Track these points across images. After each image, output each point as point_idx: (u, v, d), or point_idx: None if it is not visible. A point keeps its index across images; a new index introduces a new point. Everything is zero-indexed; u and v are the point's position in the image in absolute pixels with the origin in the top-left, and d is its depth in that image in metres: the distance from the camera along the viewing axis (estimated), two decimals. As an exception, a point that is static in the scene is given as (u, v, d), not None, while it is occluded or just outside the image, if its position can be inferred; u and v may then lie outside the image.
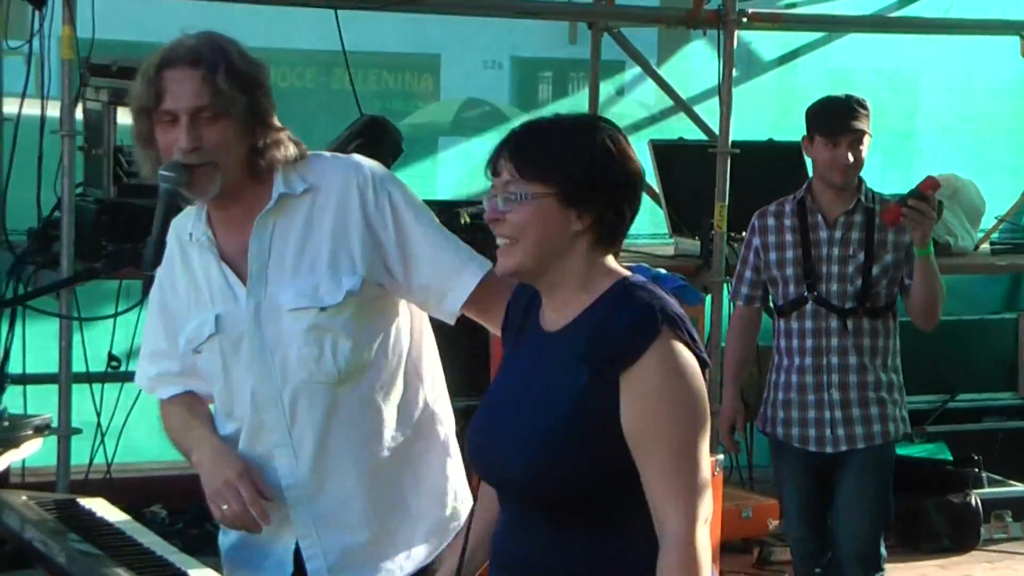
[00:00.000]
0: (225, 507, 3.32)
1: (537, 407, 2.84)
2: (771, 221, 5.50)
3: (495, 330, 3.30)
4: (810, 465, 5.48)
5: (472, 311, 3.46)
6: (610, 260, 2.89)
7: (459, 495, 3.62)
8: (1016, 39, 7.98)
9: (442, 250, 3.43)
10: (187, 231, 3.43)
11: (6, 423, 3.68)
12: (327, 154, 3.52)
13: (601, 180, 2.81)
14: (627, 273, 2.91)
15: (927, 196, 5.20)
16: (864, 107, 5.39)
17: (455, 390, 6.71)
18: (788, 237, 5.45)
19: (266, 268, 3.39)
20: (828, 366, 5.41)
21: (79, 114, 6.03)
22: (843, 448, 5.40)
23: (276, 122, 3.38)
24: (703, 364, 2.83)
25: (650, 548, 2.77)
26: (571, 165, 2.80)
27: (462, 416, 5.73)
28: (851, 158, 5.32)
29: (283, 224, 3.38)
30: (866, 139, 5.35)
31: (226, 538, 3.57)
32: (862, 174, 5.44)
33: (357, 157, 3.50)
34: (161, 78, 3.28)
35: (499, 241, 2.87)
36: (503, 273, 2.89)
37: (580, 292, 2.86)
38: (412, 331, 3.54)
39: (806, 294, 5.41)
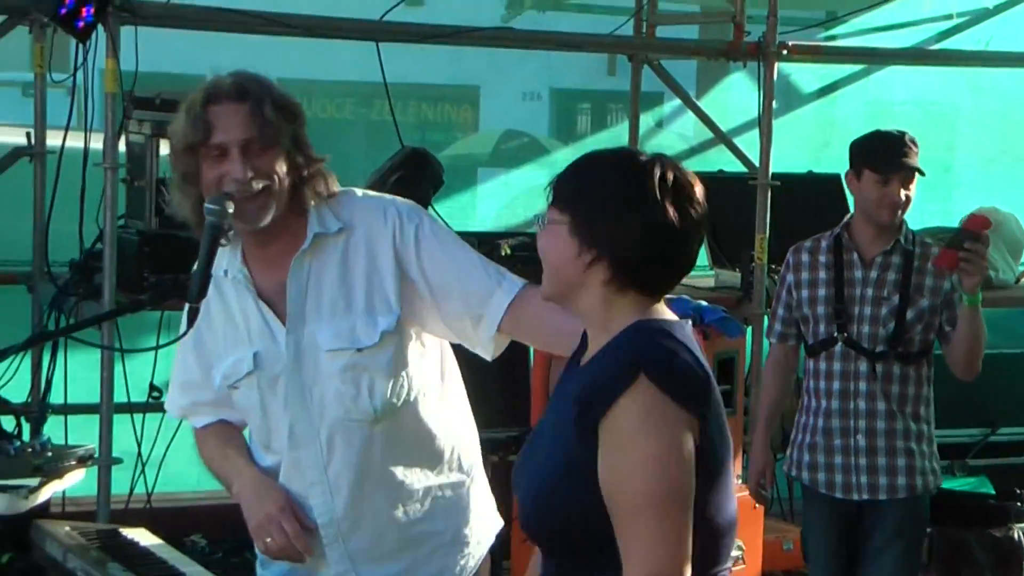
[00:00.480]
0: (269, 540, 3.35)
1: (543, 448, 2.83)
2: (805, 257, 5.33)
3: (542, 347, 3.33)
4: (837, 512, 5.28)
5: (512, 332, 3.46)
6: (638, 301, 2.80)
7: (484, 521, 3.67)
8: (1056, 71, 7.95)
9: (470, 277, 3.44)
10: (221, 268, 3.45)
11: (49, 453, 3.71)
12: (358, 191, 3.54)
13: (606, 219, 2.75)
14: (653, 317, 2.81)
15: (980, 236, 4.98)
16: (915, 144, 5.20)
17: (496, 420, 6.75)
18: (821, 274, 5.28)
19: (303, 308, 3.41)
20: (855, 411, 5.21)
21: (122, 146, 6.07)
22: (865, 496, 5.20)
23: (315, 154, 3.41)
24: (701, 416, 2.70)
25: None
26: (582, 198, 2.78)
27: (502, 447, 5.78)
28: (903, 196, 5.13)
29: (319, 264, 3.41)
30: (915, 177, 5.17)
31: (265, 571, 3.59)
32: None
33: (386, 196, 3.53)
34: (208, 113, 3.31)
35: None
36: (542, 297, 2.89)
37: (602, 330, 2.82)
38: (443, 364, 3.57)
39: (836, 334, 5.22)
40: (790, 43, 7.10)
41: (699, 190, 2.84)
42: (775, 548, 6.53)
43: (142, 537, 3.70)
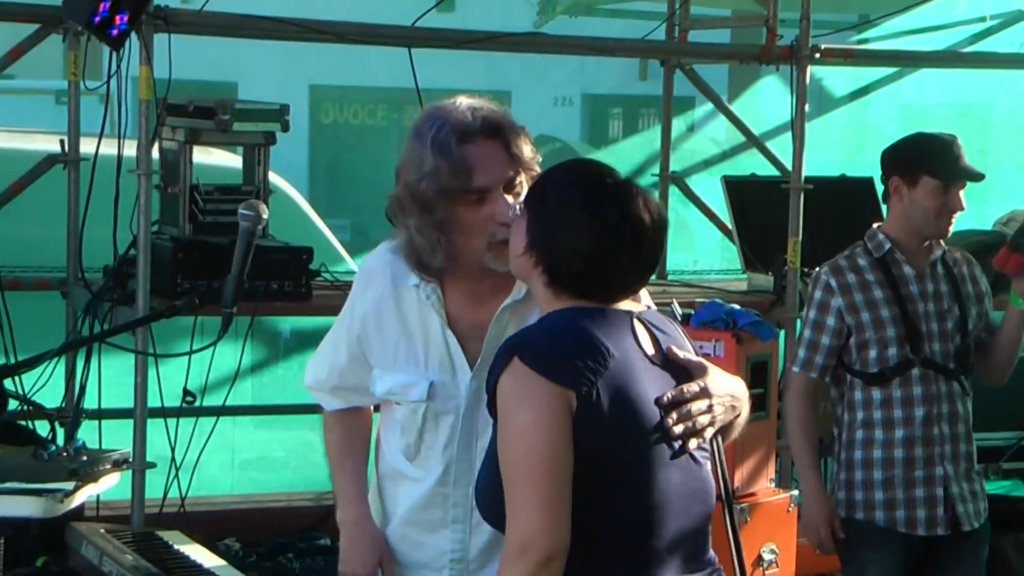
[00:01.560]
0: None
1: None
2: (851, 278, 4.89)
3: None
4: (909, 549, 4.86)
5: None
6: (576, 303, 2.96)
7: None
8: (1090, 73, 7.92)
9: None
10: (410, 278, 3.37)
11: (85, 457, 3.73)
12: None
13: (547, 229, 2.94)
14: (572, 310, 2.95)
15: None
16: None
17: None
18: (877, 294, 4.85)
19: (493, 355, 3.39)
20: (940, 437, 4.84)
21: (155, 153, 6.10)
22: (951, 529, 4.84)
23: None
24: (565, 381, 2.85)
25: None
26: (537, 204, 2.97)
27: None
28: (964, 205, 4.83)
29: (521, 316, 3.32)
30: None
31: None
32: None
33: None
34: (464, 154, 3.20)
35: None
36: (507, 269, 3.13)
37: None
38: None
39: (911, 356, 4.82)
40: (823, 46, 7.08)
41: (647, 215, 2.96)
42: (808, 551, 6.49)
43: (177, 540, 3.72)
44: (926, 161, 4.83)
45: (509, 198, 3.21)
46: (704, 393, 3.00)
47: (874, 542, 4.88)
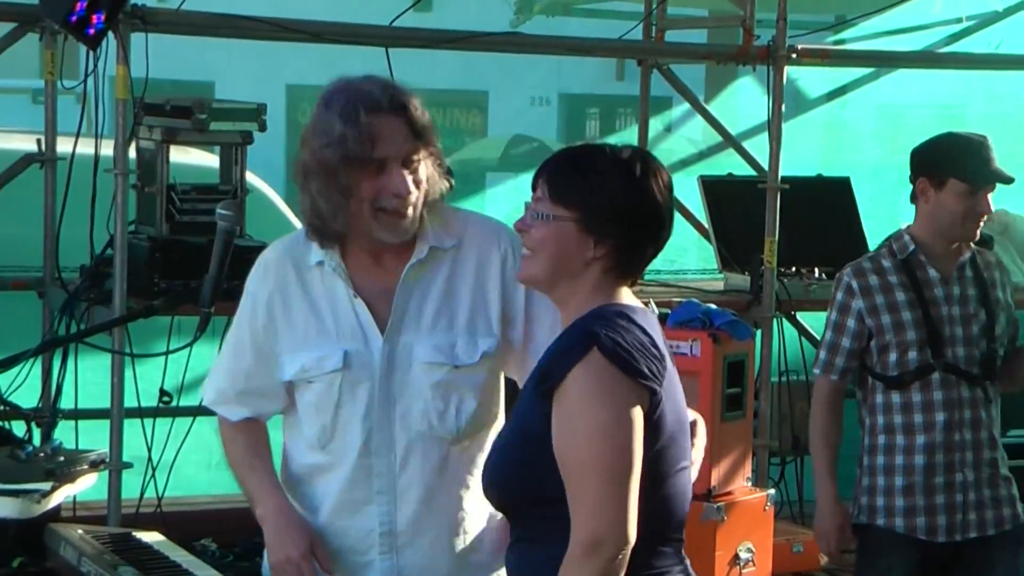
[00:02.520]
0: None
1: (508, 422, 3.12)
2: (874, 280, 4.77)
3: None
4: (927, 557, 4.77)
5: None
6: (620, 291, 3.03)
7: None
8: (1065, 74, 7.96)
9: (552, 331, 3.36)
10: (310, 258, 3.42)
11: (61, 458, 3.72)
12: (467, 210, 3.55)
13: (621, 215, 2.98)
14: (611, 302, 3.00)
15: None
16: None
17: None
18: (900, 296, 4.74)
19: (404, 317, 3.39)
20: (961, 442, 4.73)
21: (132, 153, 6.09)
22: (972, 535, 4.74)
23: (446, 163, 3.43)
24: (651, 392, 2.91)
25: None
26: (595, 196, 2.97)
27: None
28: (991, 209, 4.71)
29: (427, 277, 3.40)
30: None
31: None
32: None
33: (498, 222, 3.53)
34: (370, 125, 3.27)
35: (523, 250, 3.07)
36: (521, 279, 3.11)
37: (577, 314, 3.01)
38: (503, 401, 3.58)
39: (931, 361, 4.72)
40: (799, 47, 7.10)
41: (667, 182, 3.05)
42: (785, 551, 6.53)
43: (155, 540, 3.71)
44: (954, 163, 4.70)
45: (408, 175, 3.29)
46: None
47: (893, 549, 4.79)
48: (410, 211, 3.31)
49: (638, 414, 2.88)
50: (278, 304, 3.42)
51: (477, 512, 3.47)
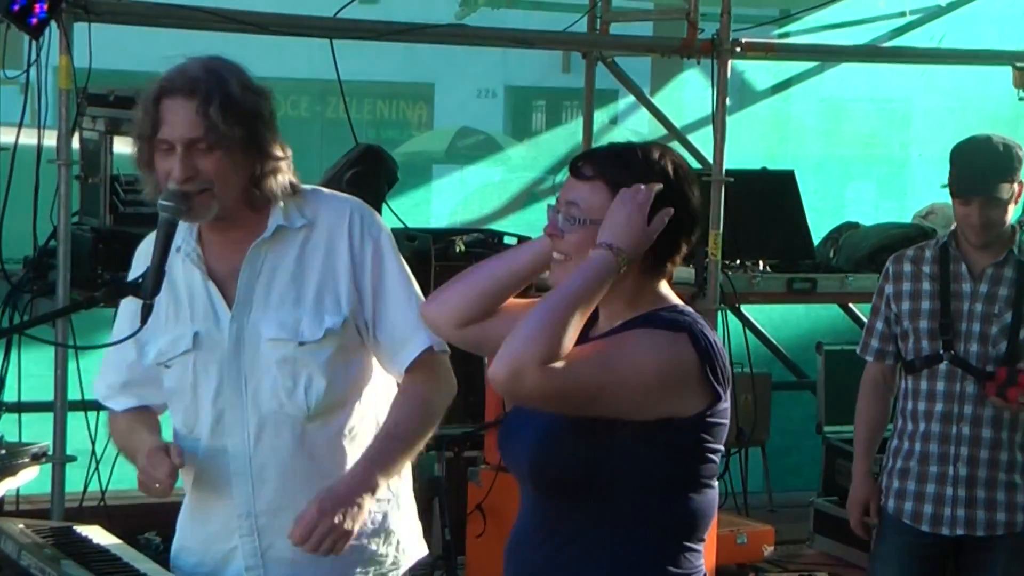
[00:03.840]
0: (155, 485, 3.37)
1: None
2: (907, 267, 4.87)
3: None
4: (920, 547, 4.84)
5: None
6: (661, 285, 3.03)
7: (402, 546, 3.63)
8: (1008, 69, 8.01)
9: (407, 309, 3.48)
10: (173, 243, 3.42)
11: (3, 451, 3.70)
12: (324, 190, 3.57)
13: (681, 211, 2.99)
14: (678, 302, 3.04)
15: None
16: (1009, 157, 4.75)
17: (450, 417, 6.71)
18: (925, 286, 4.83)
19: (252, 295, 3.43)
20: (958, 436, 4.76)
21: (75, 143, 6.05)
22: (959, 532, 4.77)
23: (277, 151, 3.41)
24: (716, 395, 2.95)
25: (634, 543, 2.94)
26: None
27: (456, 442, 5.79)
28: (983, 219, 4.71)
29: (275, 255, 3.44)
30: (1011, 194, 4.71)
31: (178, 560, 3.62)
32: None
33: (352, 199, 3.55)
34: (159, 107, 3.32)
35: (554, 255, 3.01)
36: (556, 285, 2.99)
37: (627, 308, 3.01)
38: (376, 379, 3.58)
39: (941, 352, 4.78)
40: (743, 40, 7.12)
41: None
42: (729, 542, 6.55)
43: (96, 535, 3.69)
44: (950, 169, 4.82)
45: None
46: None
47: (890, 534, 4.91)
48: (203, 195, 3.33)
49: (680, 385, 2.90)
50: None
51: (338, 469, 3.48)
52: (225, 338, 3.43)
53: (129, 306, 3.47)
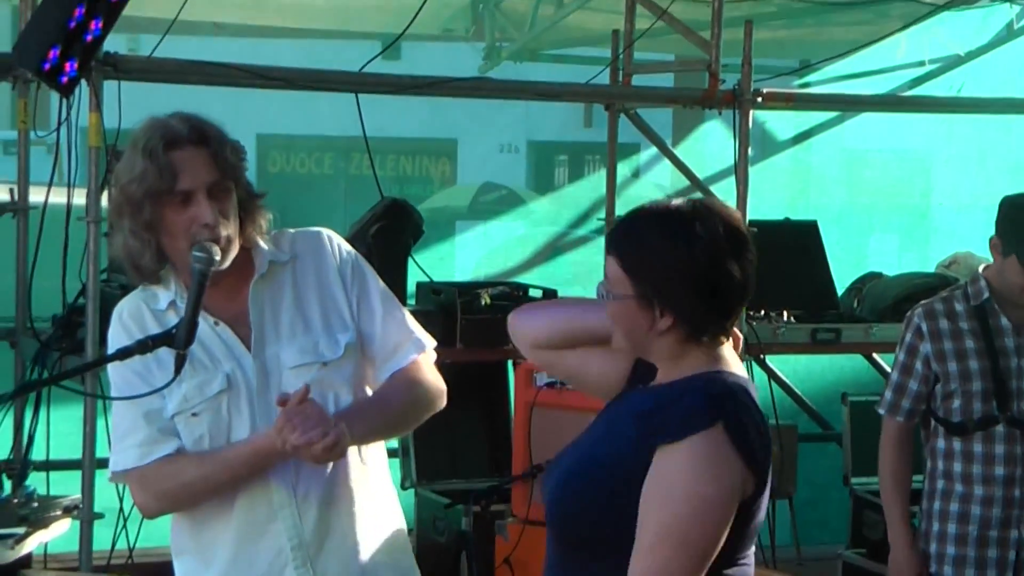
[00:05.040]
0: (303, 438, 3.31)
1: (589, 443, 3.00)
2: (944, 324, 4.69)
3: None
4: None
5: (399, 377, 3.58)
6: (707, 348, 2.92)
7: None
8: (1027, 117, 8.05)
9: (393, 320, 3.58)
10: (160, 303, 3.49)
11: (35, 504, 3.72)
12: (290, 230, 3.64)
13: (679, 284, 2.87)
14: (724, 368, 2.93)
15: None
16: None
17: (477, 470, 6.75)
18: (969, 344, 4.67)
19: (263, 331, 3.48)
20: (1021, 499, 4.66)
21: (104, 201, 6.09)
22: None
23: (255, 191, 3.51)
24: (757, 482, 2.86)
25: None
26: (651, 271, 2.89)
27: (483, 496, 5.79)
28: None
29: (273, 291, 3.51)
30: None
31: None
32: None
33: (317, 227, 3.63)
34: (171, 159, 3.35)
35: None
36: (614, 348, 3.01)
37: (673, 368, 2.95)
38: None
39: (996, 413, 4.64)
40: (764, 90, 7.15)
41: (746, 233, 2.95)
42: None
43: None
44: (1013, 237, 4.64)
45: (214, 204, 3.37)
46: None
47: None
48: (222, 240, 3.39)
49: (736, 499, 2.82)
50: (139, 363, 3.43)
51: (373, 512, 3.56)
52: (251, 377, 3.47)
53: (125, 370, 3.45)
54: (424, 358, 3.61)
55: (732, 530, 2.84)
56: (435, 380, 3.62)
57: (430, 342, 3.64)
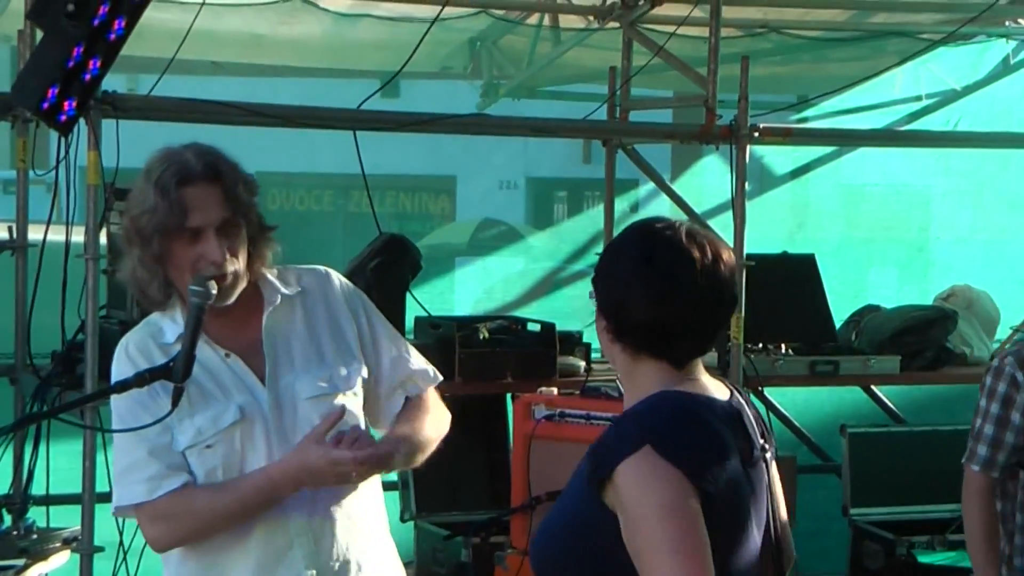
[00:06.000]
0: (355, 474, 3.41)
1: (563, 495, 2.99)
2: None
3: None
4: None
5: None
6: (659, 369, 2.92)
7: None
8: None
9: (398, 355, 3.65)
10: (166, 336, 3.49)
11: (35, 535, 3.73)
12: (294, 266, 3.66)
13: (614, 293, 2.92)
14: (679, 388, 2.91)
15: None
16: None
17: (476, 503, 6.75)
18: None
19: (277, 361, 3.50)
20: None
21: (103, 238, 6.12)
22: None
23: (266, 223, 3.55)
24: (698, 482, 2.80)
25: None
26: (600, 280, 2.95)
27: (483, 528, 5.80)
28: None
29: (285, 324, 3.54)
30: None
31: None
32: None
33: (317, 266, 3.68)
34: (183, 195, 3.36)
35: None
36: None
37: (631, 387, 2.98)
38: None
39: None
40: (761, 125, 7.19)
41: (709, 259, 2.90)
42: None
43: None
44: None
45: (224, 242, 3.39)
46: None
47: None
48: (229, 277, 3.41)
49: (693, 502, 2.78)
50: (147, 397, 3.43)
51: (378, 538, 3.62)
52: (265, 409, 3.48)
53: (129, 401, 3.45)
54: (433, 391, 3.68)
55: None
56: (445, 411, 3.70)
57: (438, 375, 3.70)
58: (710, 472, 2.82)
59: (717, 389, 2.98)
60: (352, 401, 3.54)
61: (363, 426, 3.55)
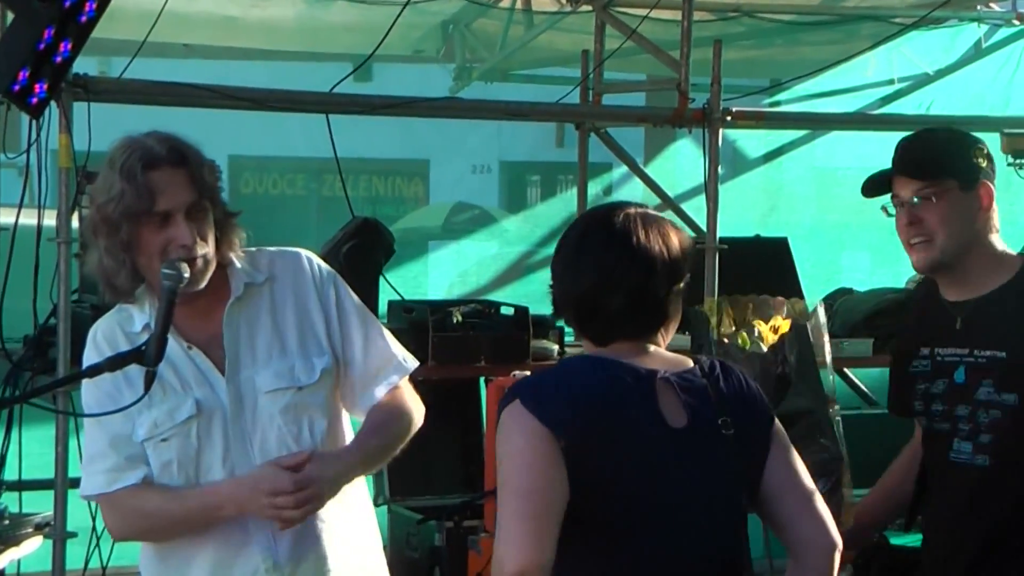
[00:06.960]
0: (289, 514, 3.38)
1: None
2: None
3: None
4: None
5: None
6: (591, 347, 3.12)
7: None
8: (996, 135, 8.09)
9: (374, 344, 3.60)
10: (135, 324, 3.49)
11: (7, 521, 3.72)
12: (268, 248, 3.65)
13: (555, 298, 3.15)
14: (598, 354, 3.09)
15: None
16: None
17: (450, 486, 6.75)
18: None
19: (238, 355, 3.48)
20: None
21: (75, 222, 6.10)
22: None
23: (230, 210, 3.52)
24: (568, 441, 2.95)
25: None
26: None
27: (456, 512, 5.81)
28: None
29: (249, 313, 3.51)
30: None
31: None
32: None
33: (296, 248, 3.65)
34: (149, 180, 3.35)
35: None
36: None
37: None
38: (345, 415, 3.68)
39: None
40: (734, 109, 7.20)
41: (646, 242, 3.10)
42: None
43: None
44: None
45: (192, 225, 3.38)
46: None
47: None
48: (199, 261, 3.39)
49: (546, 451, 2.94)
50: (110, 386, 3.45)
51: (351, 531, 3.59)
52: (224, 401, 3.47)
53: (97, 391, 3.47)
54: (405, 382, 3.64)
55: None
56: (415, 405, 3.65)
57: (412, 362, 3.66)
58: (572, 425, 2.95)
59: (658, 361, 3.11)
60: (313, 395, 3.51)
61: (324, 419, 3.51)
